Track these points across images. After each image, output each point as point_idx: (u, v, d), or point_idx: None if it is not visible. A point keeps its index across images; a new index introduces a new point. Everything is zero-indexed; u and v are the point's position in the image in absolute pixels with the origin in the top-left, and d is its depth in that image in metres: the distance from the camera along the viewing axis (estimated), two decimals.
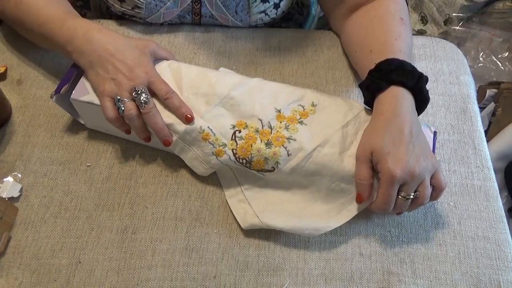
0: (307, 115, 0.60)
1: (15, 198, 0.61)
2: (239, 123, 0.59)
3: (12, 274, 0.56)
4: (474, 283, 0.57)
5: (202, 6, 0.74)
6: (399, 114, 0.55)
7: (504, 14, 1.33)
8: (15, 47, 0.75)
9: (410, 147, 0.53)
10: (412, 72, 0.58)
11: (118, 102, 0.57)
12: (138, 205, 0.61)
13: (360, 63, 0.67)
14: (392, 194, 0.53)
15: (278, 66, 0.75)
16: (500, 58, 1.36)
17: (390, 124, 0.55)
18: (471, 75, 0.77)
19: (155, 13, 0.74)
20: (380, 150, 0.53)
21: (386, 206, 0.54)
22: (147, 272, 0.56)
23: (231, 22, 0.76)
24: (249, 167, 0.59)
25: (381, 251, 0.59)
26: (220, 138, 0.58)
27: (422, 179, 0.54)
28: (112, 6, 0.74)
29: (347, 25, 0.73)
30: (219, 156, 0.58)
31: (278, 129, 0.59)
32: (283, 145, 0.57)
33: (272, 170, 0.58)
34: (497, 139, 1.16)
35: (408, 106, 0.56)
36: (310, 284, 0.56)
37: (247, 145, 0.58)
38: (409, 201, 0.54)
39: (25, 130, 0.67)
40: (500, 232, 0.61)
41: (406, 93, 0.57)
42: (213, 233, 0.59)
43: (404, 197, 0.54)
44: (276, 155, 0.57)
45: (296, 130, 0.59)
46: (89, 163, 0.64)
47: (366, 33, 0.67)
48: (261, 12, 0.74)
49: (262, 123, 0.59)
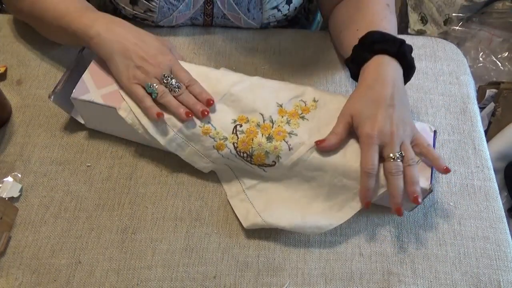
0: (309, 110, 0.61)
1: (15, 198, 0.61)
2: (240, 117, 0.60)
3: (12, 274, 0.55)
4: (474, 283, 0.57)
5: (214, 6, 0.74)
6: (381, 79, 0.57)
7: (504, 14, 1.33)
8: (15, 47, 0.75)
9: (390, 110, 0.56)
10: (394, 39, 0.60)
11: (149, 87, 0.58)
12: (138, 205, 0.61)
13: (345, 42, 0.68)
14: (372, 154, 0.54)
15: (278, 66, 0.75)
16: (500, 58, 1.36)
17: (371, 88, 0.57)
18: (471, 75, 0.77)
19: (168, 17, 0.74)
20: (360, 114, 0.56)
21: (369, 165, 0.54)
22: (147, 272, 0.56)
23: (243, 21, 0.76)
24: (250, 161, 0.58)
25: (381, 251, 0.59)
26: (221, 132, 0.59)
27: (401, 141, 0.55)
28: (123, 9, 0.74)
29: (335, 10, 0.75)
30: (220, 150, 0.58)
31: (280, 124, 0.59)
32: (284, 139, 0.58)
33: (273, 165, 0.58)
34: (497, 139, 1.16)
35: (392, 71, 0.58)
36: (310, 284, 0.56)
37: (248, 138, 0.58)
38: (400, 165, 0.54)
39: (25, 130, 0.67)
40: (500, 232, 0.61)
41: (390, 59, 0.59)
42: (213, 233, 0.59)
43: (391, 158, 0.54)
44: (277, 149, 0.57)
45: (298, 125, 0.59)
46: (89, 163, 0.64)
47: (352, 14, 0.70)
48: (274, 8, 0.74)
49: (264, 118, 0.60)
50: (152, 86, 0.58)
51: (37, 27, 0.70)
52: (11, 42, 0.75)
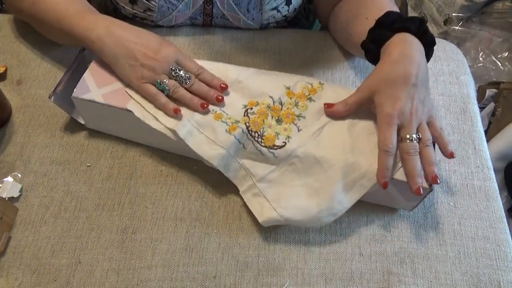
0: (316, 91, 0.62)
1: (15, 198, 0.61)
2: (250, 102, 0.61)
3: (12, 274, 0.56)
4: (474, 283, 0.57)
5: (214, 7, 0.74)
6: (408, 55, 0.56)
7: (504, 14, 1.33)
8: (15, 47, 0.75)
9: (412, 90, 0.55)
10: (412, 18, 0.59)
11: (159, 85, 0.59)
12: (138, 205, 0.61)
13: (356, 31, 0.67)
14: (392, 133, 0.54)
15: (278, 66, 0.75)
16: (499, 58, 1.37)
17: (398, 64, 0.56)
18: (471, 75, 0.77)
19: (167, 16, 0.74)
20: (381, 92, 0.56)
21: (388, 144, 0.54)
22: (147, 272, 0.56)
23: (242, 22, 0.76)
24: (260, 143, 0.58)
25: (381, 251, 0.59)
26: (233, 116, 0.59)
27: (420, 121, 0.55)
28: (123, 8, 0.74)
29: (336, 8, 0.75)
30: (233, 131, 0.58)
31: (289, 106, 0.61)
32: (293, 122, 0.60)
33: (283, 145, 0.58)
34: (497, 139, 1.16)
35: (416, 49, 0.57)
36: (310, 284, 0.56)
37: (259, 119, 0.59)
38: (416, 146, 0.54)
39: (25, 130, 0.67)
40: (500, 232, 0.61)
41: (413, 37, 0.58)
42: (213, 233, 0.59)
43: (408, 139, 0.54)
44: (287, 131, 0.59)
45: (306, 107, 0.61)
46: (89, 163, 0.64)
47: (358, 5, 0.69)
48: (273, 8, 0.74)
49: (273, 100, 0.61)
50: (162, 83, 0.58)
51: (38, 27, 0.70)
52: (11, 42, 0.75)
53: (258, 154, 0.58)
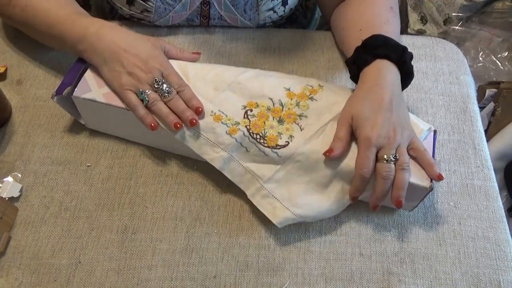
0: (316, 92, 0.62)
1: (15, 198, 0.61)
2: (249, 103, 0.61)
3: (12, 274, 0.56)
4: (474, 283, 0.57)
5: (211, 8, 0.74)
6: (381, 84, 0.58)
7: (504, 13, 1.33)
8: (15, 47, 0.75)
9: (388, 114, 0.56)
10: (396, 46, 0.61)
11: (141, 94, 0.58)
12: (138, 205, 0.61)
13: (347, 41, 0.69)
14: (369, 156, 0.55)
15: (278, 66, 0.75)
16: (499, 58, 1.36)
17: (371, 92, 0.58)
18: (471, 75, 0.77)
19: (164, 17, 0.74)
20: (359, 116, 0.56)
21: (364, 168, 0.54)
22: (147, 272, 0.56)
23: (239, 22, 0.76)
24: (263, 143, 0.58)
25: (381, 251, 0.59)
26: (232, 118, 0.59)
27: (398, 144, 0.56)
28: (120, 9, 0.74)
29: (337, 9, 0.75)
30: (233, 134, 0.58)
31: (289, 106, 0.61)
32: (295, 122, 0.59)
33: (286, 145, 0.58)
34: (496, 139, 1.16)
35: (391, 77, 0.59)
36: (310, 284, 0.56)
37: (260, 121, 0.59)
38: (392, 167, 0.54)
39: (25, 130, 0.67)
40: (500, 232, 0.61)
41: (391, 65, 0.60)
42: (213, 233, 0.59)
43: (385, 160, 0.55)
44: (290, 130, 0.59)
45: (307, 106, 0.61)
46: (89, 163, 0.64)
47: (356, 13, 0.70)
48: (270, 9, 0.74)
49: (273, 101, 0.61)
50: (144, 93, 0.58)
51: (30, 33, 0.68)
52: (11, 42, 0.75)
53: (262, 155, 0.58)
